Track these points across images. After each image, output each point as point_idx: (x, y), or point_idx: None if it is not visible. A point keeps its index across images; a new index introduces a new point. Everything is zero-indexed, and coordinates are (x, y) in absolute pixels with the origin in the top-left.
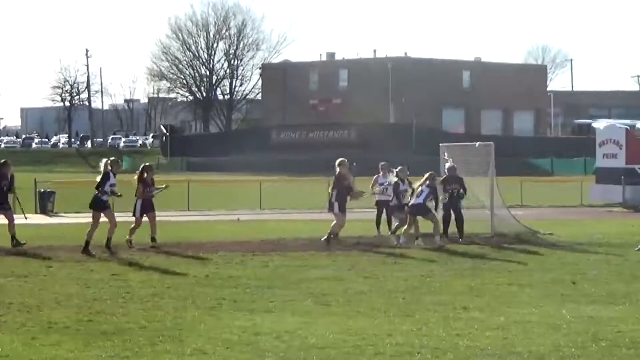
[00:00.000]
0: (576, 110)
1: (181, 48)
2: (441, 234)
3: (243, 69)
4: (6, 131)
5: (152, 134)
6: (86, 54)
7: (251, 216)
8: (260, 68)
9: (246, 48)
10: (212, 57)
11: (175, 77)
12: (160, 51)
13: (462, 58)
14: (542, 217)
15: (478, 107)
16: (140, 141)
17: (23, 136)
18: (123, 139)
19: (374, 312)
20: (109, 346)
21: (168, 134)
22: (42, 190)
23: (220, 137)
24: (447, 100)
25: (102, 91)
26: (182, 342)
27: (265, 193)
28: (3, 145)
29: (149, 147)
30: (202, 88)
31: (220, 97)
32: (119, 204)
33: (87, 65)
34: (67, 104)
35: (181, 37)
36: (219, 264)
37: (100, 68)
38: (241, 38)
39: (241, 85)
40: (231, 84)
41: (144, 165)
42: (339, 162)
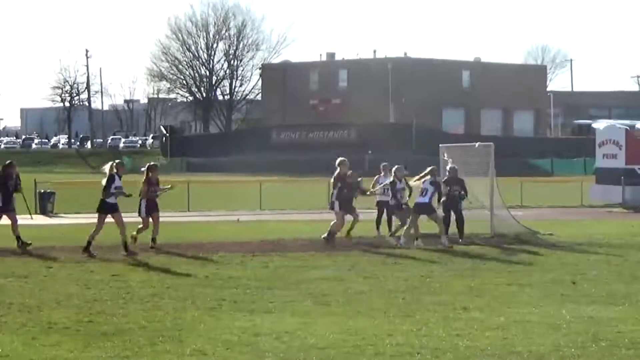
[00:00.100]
0: (576, 110)
1: (181, 48)
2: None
3: (243, 70)
4: (6, 132)
5: (152, 135)
6: (86, 54)
7: (251, 217)
8: (260, 68)
9: (246, 48)
10: (212, 58)
11: (175, 78)
12: (160, 51)
13: (462, 58)
14: (542, 218)
15: (478, 107)
16: (140, 142)
17: (23, 137)
18: (123, 140)
19: (374, 313)
20: (109, 346)
21: (168, 135)
22: (42, 190)
23: (220, 138)
24: (447, 100)
25: (102, 92)
26: (182, 343)
27: (265, 193)
28: (3, 145)
29: (149, 148)
30: (202, 88)
31: (220, 98)
32: (124, 205)
33: (87, 65)
34: (67, 105)
35: (181, 38)
36: (219, 265)
37: (100, 68)
38: (241, 38)
39: (241, 85)
40: (231, 85)
41: (149, 164)
42: (339, 162)
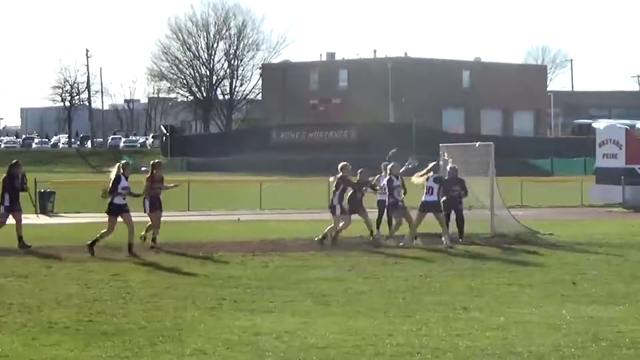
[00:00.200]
0: (576, 110)
1: (181, 48)
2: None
3: (243, 69)
4: (6, 131)
5: (152, 134)
6: (86, 54)
7: (251, 216)
8: (260, 68)
9: (246, 48)
10: (212, 57)
11: (175, 77)
12: (160, 51)
13: (462, 58)
14: (542, 218)
15: (478, 107)
16: (140, 141)
17: (23, 136)
18: (123, 139)
19: (374, 312)
20: (109, 346)
21: (168, 134)
22: (42, 190)
23: (220, 137)
24: (447, 100)
25: (102, 91)
26: (182, 342)
27: (265, 193)
28: (3, 145)
29: (149, 147)
30: (202, 88)
31: (220, 97)
32: (129, 205)
33: (87, 65)
34: (67, 104)
35: (181, 37)
36: (219, 264)
37: (100, 68)
38: (241, 38)
39: (241, 85)
40: (231, 84)
41: (153, 162)
42: (342, 166)
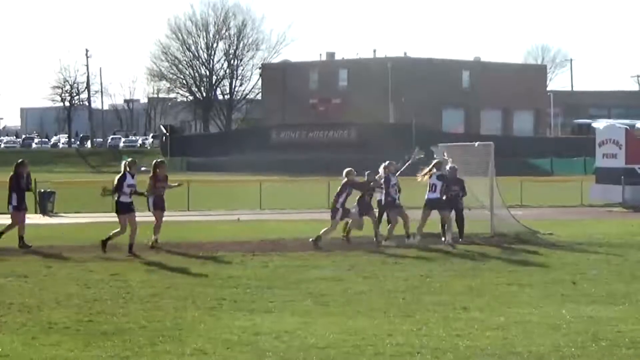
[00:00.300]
0: (576, 110)
1: (181, 48)
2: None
3: (243, 69)
4: (6, 131)
5: (152, 134)
6: (86, 54)
7: (251, 216)
8: (260, 68)
9: (246, 48)
10: (212, 57)
11: (175, 77)
12: (160, 51)
13: (462, 58)
14: (542, 217)
15: (478, 107)
16: (140, 141)
17: (23, 136)
18: (123, 139)
19: (374, 312)
20: (109, 346)
21: (168, 134)
22: (42, 190)
23: (220, 137)
24: (447, 100)
25: (102, 91)
26: (182, 342)
27: (265, 193)
28: (3, 145)
29: (149, 147)
30: (202, 88)
31: (220, 97)
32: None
33: (87, 65)
34: (67, 104)
35: (181, 37)
36: (219, 264)
37: (100, 68)
38: (241, 38)
39: (241, 85)
40: (231, 84)
41: (156, 161)
42: (347, 172)
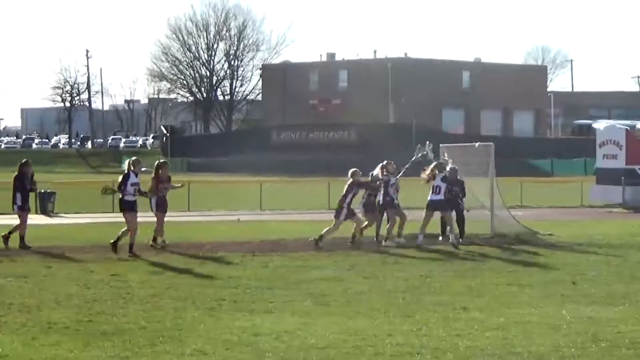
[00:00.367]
0: (576, 110)
1: (181, 49)
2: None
3: (243, 70)
4: (6, 131)
5: (153, 135)
6: (86, 55)
7: (251, 217)
8: (260, 69)
9: (246, 49)
10: (213, 58)
11: (175, 78)
12: (160, 52)
13: (462, 58)
14: (542, 218)
15: (478, 108)
16: (140, 142)
17: (23, 136)
18: (123, 140)
19: (374, 313)
20: (109, 346)
21: (168, 135)
22: (43, 190)
23: (220, 138)
24: (447, 100)
25: (103, 92)
26: (182, 343)
27: (265, 193)
28: (3, 145)
29: (149, 148)
30: (203, 89)
31: (220, 98)
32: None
33: (88, 65)
34: (68, 105)
35: (181, 38)
36: (219, 265)
37: (100, 68)
38: (241, 39)
39: (241, 85)
40: (231, 85)
41: (159, 162)
42: (352, 172)
